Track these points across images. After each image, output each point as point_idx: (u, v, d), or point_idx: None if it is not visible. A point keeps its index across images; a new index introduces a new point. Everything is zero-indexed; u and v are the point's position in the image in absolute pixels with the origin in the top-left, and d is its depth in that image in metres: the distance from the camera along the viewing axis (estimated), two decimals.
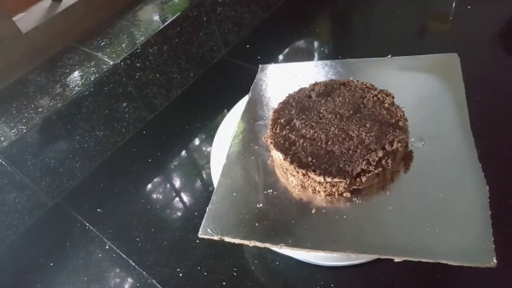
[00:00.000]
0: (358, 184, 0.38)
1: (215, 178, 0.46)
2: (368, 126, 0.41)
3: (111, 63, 0.59)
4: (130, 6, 0.71)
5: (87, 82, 0.57)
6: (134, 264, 0.49)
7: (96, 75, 0.58)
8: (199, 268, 0.47)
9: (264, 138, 0.45)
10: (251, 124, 0.49)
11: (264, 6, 0.82)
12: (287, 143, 0.42)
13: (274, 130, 0.44)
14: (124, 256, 0.50)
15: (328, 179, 0.38)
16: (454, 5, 0.76)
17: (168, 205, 0.55)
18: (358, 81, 0.47)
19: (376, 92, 0.45)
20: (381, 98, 0.44)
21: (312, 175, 0.38)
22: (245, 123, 0.49)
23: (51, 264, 0.51)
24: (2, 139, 0.51)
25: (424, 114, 0.44)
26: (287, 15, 0.84)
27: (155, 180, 0.59)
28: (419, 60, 0.50)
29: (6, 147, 0.50)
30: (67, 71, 0.60)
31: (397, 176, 0.39)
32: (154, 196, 0.57)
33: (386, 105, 0.43)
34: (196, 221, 0.52)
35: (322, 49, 0.76)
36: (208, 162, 0.55)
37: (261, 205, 0.40)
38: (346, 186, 0.38)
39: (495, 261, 0.30)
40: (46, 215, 0.57)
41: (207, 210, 0.40)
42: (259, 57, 0.74)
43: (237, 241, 0.37)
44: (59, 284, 0.50)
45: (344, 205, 0.38)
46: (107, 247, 0.52)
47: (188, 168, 0.60)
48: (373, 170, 0.37)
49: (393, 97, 0.44)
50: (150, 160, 0.61)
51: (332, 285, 0.43)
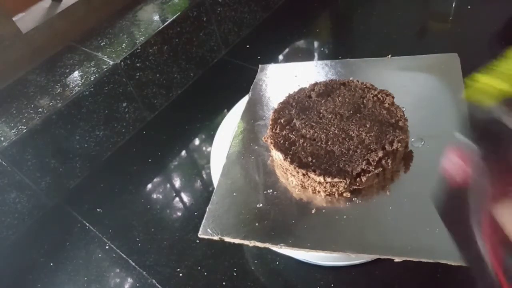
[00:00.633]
0: (358, 184, 0.38)
1: (215, 178, 0.46)
2: (368, 126, 0.41)
3: (111, 63, 0.59)
4: (130, 6, 0.71)
5: (87, 82, 0.57)
6: (134, 264, 0.49)
7: (96, 75, 0.58)
8: (199, 268, 0.47)
9: (264, 138, 0.45)
10: (251, 124, 0.49)
11: (264, 6, 0.82)
12: (287, 143, 0.42)
13: (274, 130, 0.44)
14: (124, 256, 0.50)
15: (328, 179, 0.38)
16: (454, 5, 0.76)
17: (168, 205, 0.55)
18: (358, 81, 0.47)
19: (376, 92, 0.45)
20: (381, 98, 0.44)
21: (312, 175, 0.38)
22: (245, 123, 0.49)
23: (51, 264, 0.51)
24: (2, 139, 0.51)
25: (424, 114, 0.44)
26: (287, 15, 0.84)
27: (155, 180, 0.59)
28: (419, 60, 0.50)
29: (6, 147, 0.50)
30: (67, 71, 0.60)
31: (397, 176, 0.39)
32: (154, 196, 0.57)
33: (386, 105, 0.44)
34: (196, 221, 0.52)
35: (322, 49, 0.76)
36: (208, 162, 0.55)
37: (261, 205, 0.40)
38: (346, 186, 0.38)
39: None
40: (46, 215, 0.57)
41: (207, 210, 0.40)
42: (259, 57, 0.74)
43: (237, 241, 0.37)
44: (59, 284, 0.50)
45: (344, 205, 0.38)
46: (107, 247, 0.52)
47: (188, 168, 0.60)
48: (373, 170, 0.37)
49: (393, 97, 0.44)
50: (150, 160, 0.61)
51: (332, 285, 0.43)
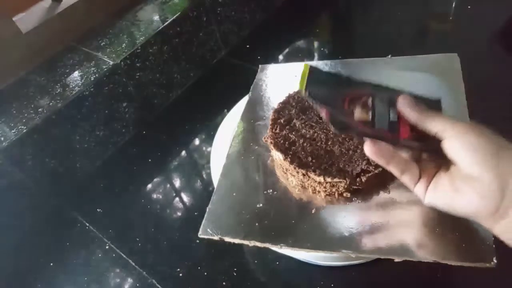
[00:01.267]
0: (358, 184, 0.38)
1: (215, 178, 0.46)
2: None
3: (111, 63, 0.59)
4: (130, 6, 0.71)
5: (87, 82, 0.57)
6: (134, 264, 0.49)
7: (96, 75, 0.58)
8: (199, 268, 0.47)
9: (264, 138, 0.45)
10: (251, 124, 0.49)
11: (264, 6, 0.82)
12: (287, 143, 0.42)
13: (274, 130, 0.44)
14: (124, 256, 0.50)
15: (328, 179, 0.38)
16: (454, 5, 0.76)
17: (168, 205, 0.55)
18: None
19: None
20: None
21: (312, 175, 0.38)
22: (245, 123, 0.49)
23: (51, 264, 0.51)
24: (2, 139, 0.51)
25: None
26: (287, 15, 0.84)
27: (155, 180, 0.59)
28: (419, 60, 0.50)
29: (6, 147, 0.50)
30: (67, 71, 0.60)
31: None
32: (154, 196, 0.57)
33: None
34: (196, 221, 0.51)
35: (322, 49, 0.76)
36: (208, 162, 0.55)
37: (261, 205, 0.40)
38: (346, 186, 0.38)
39: (495, 261, 0.30)
40: (46, 215, 0.57)
41: (207, 210, 0.40)
42: (259, 57, 0.74)
43: (237, 241, 0.37)
44: (59, 284, 0.50)
45: (344, 205, 0.38)
46: (107, 247, 0.52)
47: (188, 168, 0.60)
48: (373, 170, 0.37)
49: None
50: (150, 160, 0.61)
51: (332, 285, 0.43)
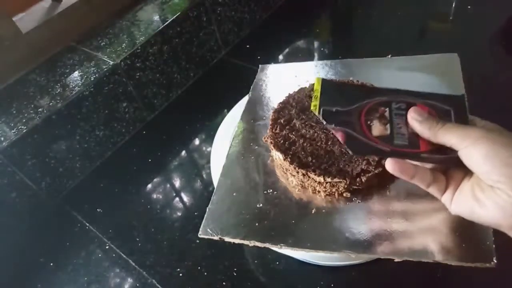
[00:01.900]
0: (358, 184, 0.38)
1: (215, 178, 0.46)
2: None
3: (111, 63, 0.59)
4: (130, 6, 0.71)
5: (87, 82, 0.57)
6: (134, 264, 0.49)
7: (96, 75, 0.58)
8: (199, 268, 0.47)
9: (264, 138, 0.45)
10: (251, 124, 0.49)
11: (264, 6, 0.82)
12: (287, 143, 0.42)
13: (274, 130, 0.44)
14: (124, 256, 0.50)
15: (328, 179, 0.38)
16: (454, 5, 0.76)
17: (168, 205, 0.55)
18: (358, 81, 0.47)
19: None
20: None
21: (312, 175, 0.38)
22: (245, 123, 0.49)
23: (51, 264, 0.51)
24: (2, 139, 0.51)
25: None
26: (287, 15, 0.84)
27: (155, 180, 0.59)
28: (419, 60, 0.50)
29: (6, 147, 0.50)
30: (67, 71, 0.60)
31: (397, 176, 0.39)
32: (154, 196, 0.57)
33: None
34: (196, 221, 0.52)
35: (322, 49, 0.76)
36: (208, 162, 0.55)
37: (261, 205, 0.40)
38: (346, 186, 0.38)
39: (495, 261, 0.30)
40: (46, 215, 0.57)
41: (207, 210, 0.40)
42: (259, 57, 0.74)
43: (237, 241, 0.37)
44: (59, 284, 0.50)
45: (344, 205, 0.38)
46: (107, 247, 0.52)
47: (188, 168, 0.60)
48: (373, 170, 0.37)
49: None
50: (150, 160, 0.61)
51: (332, 285, 0.43)
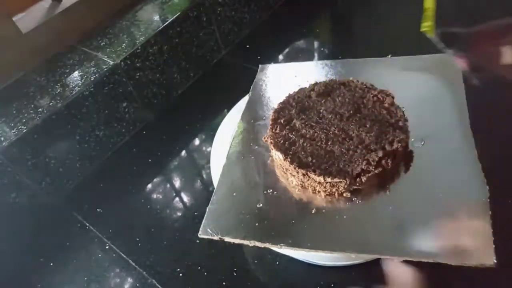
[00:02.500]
0: (358, 184, 0.38)
1: (215, 178, 0.46)
2: (368, 126, 0.41)
3: (111, 63, 0.59)
4: (130, 6, 0.71)
5: (87, 82, 0.57)
6: (134, 264, 0.49)
7: (96, 75, 0.58)
8: (199, 268, 0.47)
9: (264, 138, 0.45)
10: (251, 124, 0.49)
11: (264, 6, 0.82)
12: (287, 143, 0.42)
13: (274, 130, 0.44)
14: (124, 256, 0.50)
15: (328, 179, 0.38)
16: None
17: (168, 205, 0.55)
18: (358, 81, 0.47)
19: (376, 92, 0.45)
20: (381, 98, 0.44)
21: (312, 175, 0.38)
22: (245, 123, 0.49)
23: (51, 264, 0.51)
24: (2, 139, 0.51)
25: (424, 114, 0.44)
26: (287, 15, 0.84)
27: (155, 180, 0.59)
28: (419, 60, 0.50)
29: (6, 147, 0.50)
30: (67, 71, 0.60)
31: (397, 176, 0.39)
32: (154, 196, 0.57)
33: (386, 105, 0.43)
34: (196, 221, 0.52)
35: (322, 49, 0.76)
36: (208, 162, 0.55)
37: (261, 205, 0.40)
38: (346, 186, 0.38)
39: (495, 261, 0.30)
40: (46, 215, 0.57)
41: (207, 210, 0.40)
42: (259, 57, 0.74)
43: (237, 241, 0.37)
44: (59, 284, 0.50)
45: (344, 205, 0.38)
46: (107, 247, 0.52)
47: (188, 168, 0.60)
48: (373, 170, 0.37)
49: (393, 97, 0.44)
50: (150, 160, 0.61)
51: (332, 285, 0.43)
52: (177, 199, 0.56)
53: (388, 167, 0.38)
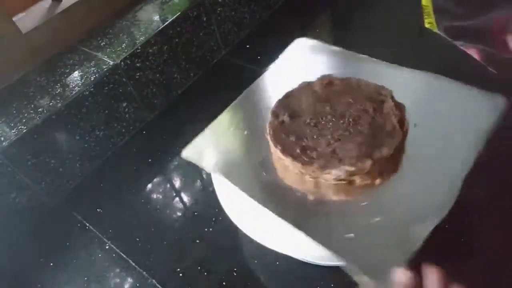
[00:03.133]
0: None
1: (215, 178, 0.46)
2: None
3: (111, 63, 0.59)
4: (130, 6, 0.71)
5: (87, 82, 0.57)
6: (134, 264, 0.49)
7: (96, 75, 0.58)
8: (199, 268, 0.47)
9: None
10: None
11: (264, 6, 0.82)
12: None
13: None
14: (124, 256, 0.50)
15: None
16: None
17: (168, 205, 0.55)
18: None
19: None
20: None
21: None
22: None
23: (51, 264, 0.51)
24: (2, 139, 0.51)
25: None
26: (287, 15, 0.84)
27: (155, 180, 0.59)
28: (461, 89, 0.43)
29: (6, 147, 0.50)
30: (67, 71, 0.60)
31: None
32: (154, 196, 0.57)
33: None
34: (196, 221, 0.52)
35: None
36: None
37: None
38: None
39: None
40: (46, 215, 0.57)
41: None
42: (259, 57, 0.74)
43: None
44: (59, 284, 0.50)
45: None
46: (107, 247, 0.52)
47: (188, 168, 0.60)
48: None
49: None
50: (150, 160, 0.61)
51: (332, 285, 0.43)
52: (177, 199, 0.56)
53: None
